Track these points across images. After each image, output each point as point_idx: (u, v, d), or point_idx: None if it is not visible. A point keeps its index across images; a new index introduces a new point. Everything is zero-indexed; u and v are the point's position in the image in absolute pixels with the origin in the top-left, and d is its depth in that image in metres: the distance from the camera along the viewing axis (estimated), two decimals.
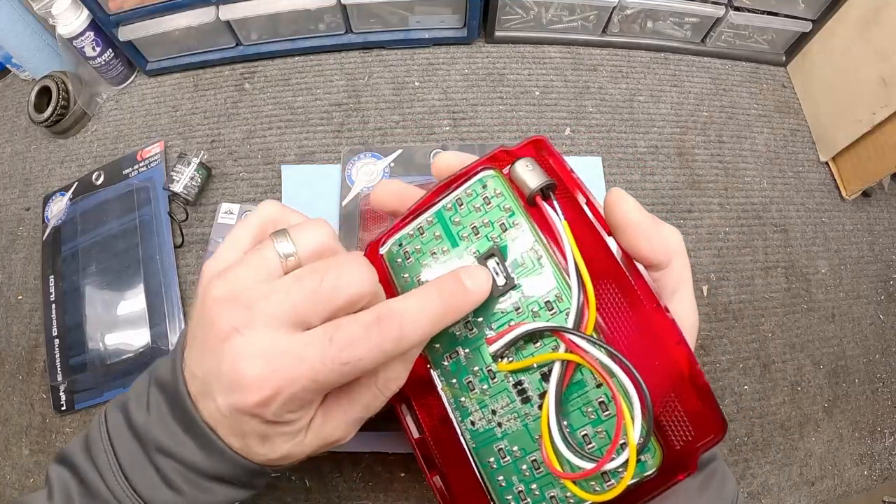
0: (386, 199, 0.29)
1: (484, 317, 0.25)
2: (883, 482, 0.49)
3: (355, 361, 0.21)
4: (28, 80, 0.65)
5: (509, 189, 0.25)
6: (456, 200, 0.26)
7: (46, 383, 0.50)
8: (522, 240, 0.24)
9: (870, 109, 0.51)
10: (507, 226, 0.25)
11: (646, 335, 0.22)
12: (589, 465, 0.21)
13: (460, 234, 0.26)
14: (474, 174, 0.26)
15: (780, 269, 0.54)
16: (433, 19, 0.59)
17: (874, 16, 0.51)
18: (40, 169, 0.60)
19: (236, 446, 0.23)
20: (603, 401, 0.22)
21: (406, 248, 0.27)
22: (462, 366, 0.25)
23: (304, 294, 0.21)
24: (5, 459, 0.49)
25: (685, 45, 0.62)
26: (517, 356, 0.24)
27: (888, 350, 0.53)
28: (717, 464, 0.27)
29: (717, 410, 0.21)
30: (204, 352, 0.22)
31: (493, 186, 0.25)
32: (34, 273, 0.55)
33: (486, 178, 0.26)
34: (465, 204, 0.26)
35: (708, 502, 0.26)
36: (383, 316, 0.21)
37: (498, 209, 0.25)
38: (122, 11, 0.54)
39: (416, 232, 0.27)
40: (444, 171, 0.28)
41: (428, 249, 0.26)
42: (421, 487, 0.44)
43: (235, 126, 0.58)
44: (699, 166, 0.57)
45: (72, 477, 0.24)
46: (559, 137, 0.57)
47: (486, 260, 0.25)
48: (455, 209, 0.26)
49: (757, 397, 0.49)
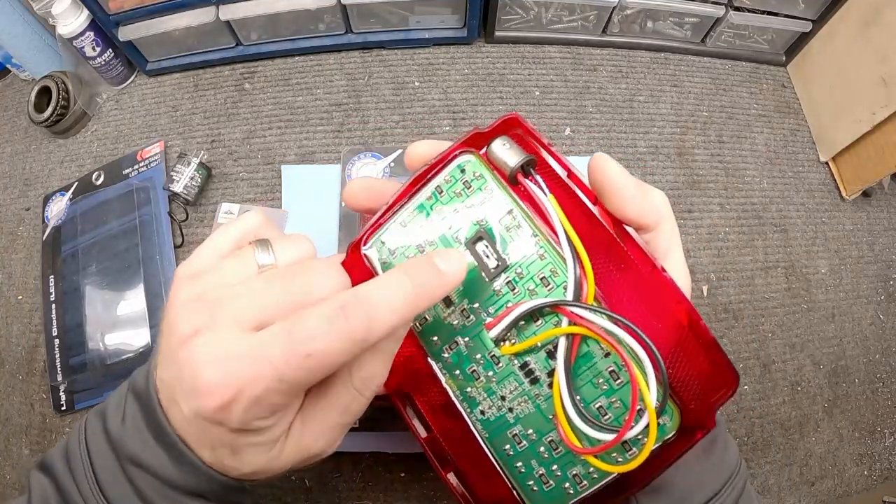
0: (359, 198, 0.28)
1: (480, 302, 0.24)
2: (883, 482, 0.49)
3: (319, 354, 0.19)
4: (28, 80, 0.65)
5: (489, 170, 0.24)
6: (435, 189, 0.25)
7: (46, 383, 0.50)
8: (509, 219, 0.24)
9: (870, 109, 0.51)
10: (491, 207, 0.24)
11: (646, 298, 0.22)
12: (609, 437, 0.21)
13: (444, 222, 0.25)
14: (451, 159, 0.25)
15: (780, 269, 0.54)
16: (433, 19, 0.59)
17: (874, 16, 0.51)
18: (40, 169, 0.60)
19: (207, 459, 0.21)
20: (613, 370, 0.22)
21: (390, 246, 0.26)
22: (464, 356, 0.25)
23: (272, 296, 0.20)
24: (5, 459, 0.49)
25: (685, 45, 0.62)
26: (519, 337, 0.23)
27: (888, 350, 0.53)
28: (719, 429, 0.26)
29: (728, 363, 0.21)
30: (167, 355, 0.21)
31: (471, 170, 0.25)
32: (34, 273, 0.55)
33: (464, 162, 0.25)
34: (445, 191, 0.25)
35: (711, 468, 0.25)
36: (348, 303, 0.19)
37: (479, 191, 0.24)
38: (122, 11, 0.54)
39: (399, 227, 0.26)
40: (417, 161, 0.27)
41: (413, 243, 0.25)
42: (421, 487, 0.44)
43: (235, 126, 0.58)
44: (699, 166, 0.57)
45: (50, 484, 0.23)
46: (559, 137, 0.57)
47: (475, 244, 0.24)
48: (435, 198, 0.25)
49: (757, 397, 0.49)
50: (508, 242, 0.24)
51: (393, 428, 0.45)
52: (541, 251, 0.23)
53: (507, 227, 0.24)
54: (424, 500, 0.44)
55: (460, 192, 0.25)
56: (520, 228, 0.24)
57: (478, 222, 0.24)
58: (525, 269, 0.24)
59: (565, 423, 0.22)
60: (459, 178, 0.25)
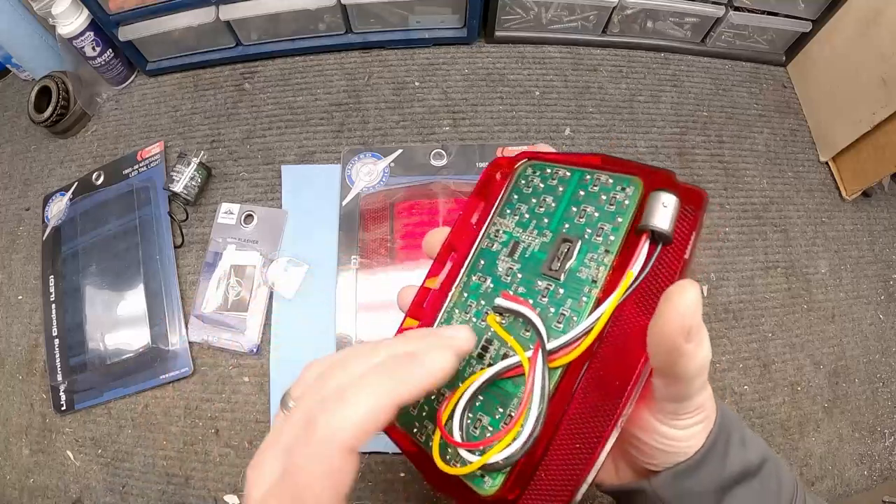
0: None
1: (523, 276, 0.25)
2: (883, 482, 0.49)
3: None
4: (28, 80, 0.65)
5: (636, 206, 0.24)
6: (595, 177, 0.26)
7: (46, 383, 0.50)
8: (602, 252, 0.24)
9: (870, 109, 0.51)
10: (602, 235, 0.24)
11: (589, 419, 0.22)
12: (460, 441, 0.23)
13: (573, 208, 0.26)
14: (626, 172, 0.25)
15: (780, 269, 0.54)
16: (433, 19, 0.59)
17: (874, 16, 0.51)
18: (40, 169, 0.60)
19: None
20: (511, 414, 0.23)
21: (534, 179, 0.28)
22: (479, 291, 0.26)
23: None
24: (5, 459, 0.49)
25: (685, 45, 0.62)
26: (508, 326, 0.24)
27: (888, 350, 0.53)
28: (770, 463, 0.26)
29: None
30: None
31: (629, 194, 0.24)
32: (34, 273, 0.55)
33: (633, 183, 0.24)
34: (598, 185, 0.25)
35: (772, 501, 0.25)
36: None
37: (612, 214, 0.24)
38: (122, 11, 0.54)
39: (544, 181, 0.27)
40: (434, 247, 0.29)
41: (539, 200, 0.27)
42: (421, 487, 0.44)
43: (235, 126, 0.58)
44: (699, 166, 0.57)
45: None
46: (559, 137, 0.57)
47: (563, 242, 0.25)
48: (590, 183, 0.26)
49: (757, 397, 0.49)
50: (580, 266, 0.24)
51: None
52: (584, 299, 0.23)
53: (594, 255, 0.24)
54: (424, 500, 0.44)
55: (603, 200, 0.25)
56: (597, 268, 0.24)
57: (587, 232, 0.25)
58: (561, 296, 0.24)
59: (450, 405, 0.23)
60: (614, 190, 0.25)
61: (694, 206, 0.23)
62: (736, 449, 0.25)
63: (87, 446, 0.48)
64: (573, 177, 0.26)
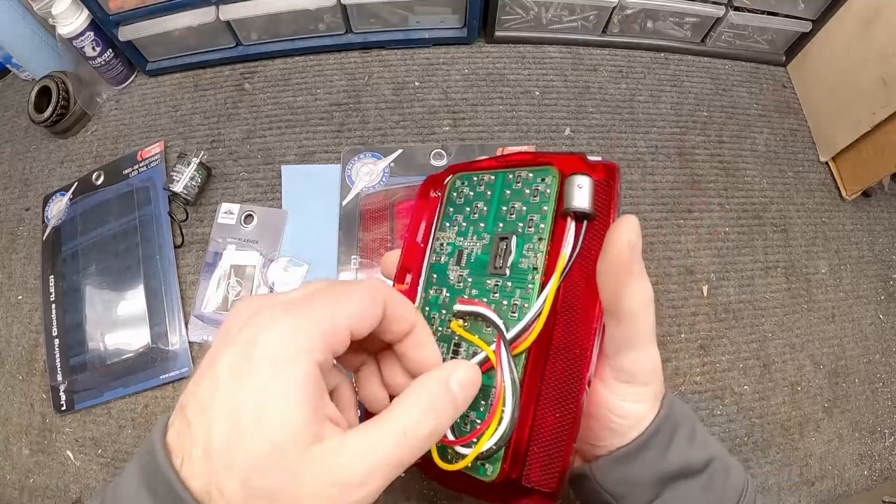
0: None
1: (473, 279, 0.27)
2: (883, 482, 0.49)
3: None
4: (28, 80, 0.65)
5: (556, 193, 0.26)
6: (517, 175, 0.28)
7: (46, 383, 0.50)
8: (535, 241, 0.26)
9: (870, 109, 0.51)
10: (532, 225, 0.26)
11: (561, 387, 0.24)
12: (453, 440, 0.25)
13: (503, 207, 0.28)
14: (542, 163, 0.27)
15: (780, 269, 0.54)
16: (433, 19, 0.59)
17: (874, 16, 0.51)
18: (40, 169, 0.60)
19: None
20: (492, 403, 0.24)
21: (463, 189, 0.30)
22: (438, 303, 0.28)
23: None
24: (5, 459, 0.49)
25: (685, 45, 0.62)
26: (471, 327, 0.26)
27: (888, 350, 0.53)
28: (717, 463, 0.26)
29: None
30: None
31: (549, 183, 0.26)
32: (34, 273, 0.55)
33: (549, 172, 0.27)
34: (520, 182, 0.28)
35: (715, 499, 0.25)
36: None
37: (537, 204, 0.27)
38: (122, 11, 0.54)
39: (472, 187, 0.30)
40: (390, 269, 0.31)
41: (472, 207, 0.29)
42: (421, 487, 0.44)
43: (235, 126, 0.58)
44: (699, 166, 0.57)
45: None
46: (559, 137, 0.57)
47: (501, 240, 0.27)
48: (513, 182, 0.28)
49: (757, 397, 0.49)
50: (520, 258, 0.26)
51: None
52: (530, 286, 0.25)
53: (530, 245, 0.26)
54: (424, 500, 0.44)
55: (527, 194, 0.27)
56: (534, 257, 0.26)
57: (518, 226, 0.27)
58: (510, 289, 0.26)
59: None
60: (535, 183, 0.27)
61: (610, 178, 0.25)
62: (681, 443, 0.25)
63: (87, 446, 0.48)
64: (497, 179, 0.29)
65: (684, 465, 0.25)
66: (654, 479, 0.25)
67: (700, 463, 0.26)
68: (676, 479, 0.25)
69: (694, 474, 0.25)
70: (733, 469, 0.27)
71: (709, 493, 0.25)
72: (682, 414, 0.26)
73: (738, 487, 0.26)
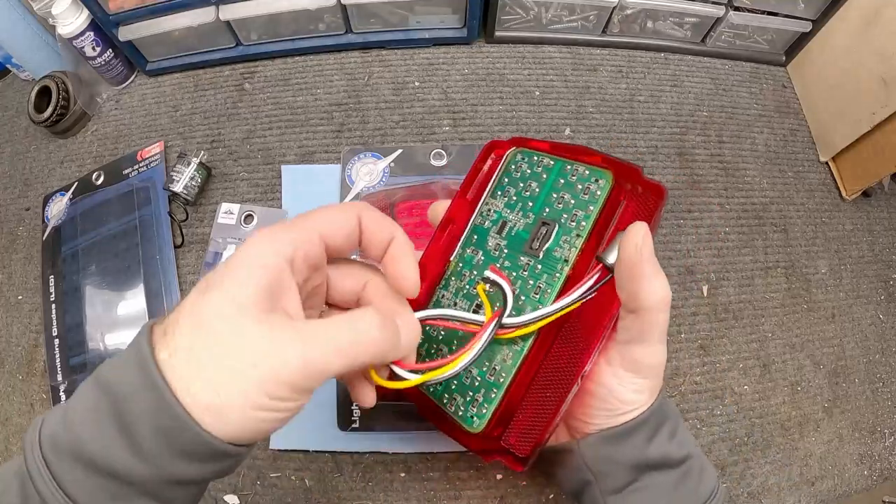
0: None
1: (508, 252, 0.30)
2: (883, 482, 0.49)
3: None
4: (28, 80, 0.65)
5: (606, 197, 0.28)
6: (574, 168, 0.29)
7: (46, 383, 0.50)
8: (571, 239, 0.28)
9: (870, 109, 0.51)
10: (575, 220, 0.28)
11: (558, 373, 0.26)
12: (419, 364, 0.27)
13: (553, 194, 0.29)
14: (601, 165, 0.29)
15: (780, 269, 0.54)
16: (433, 19, 0.59)
17: (874, 16, 0.51)
18: (40, 169, 0.60)
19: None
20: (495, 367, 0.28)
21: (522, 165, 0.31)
22: (472, 263, 0.31)
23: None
24: (5, 459, 0.49)
25: (685, 45, 0.62)
26: (491, 294, 0.28)
27: (888, 350, 0.53)
28: (693, 462, 0.28)
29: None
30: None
31: (601, 186, 0.28)
32: (34, 273, 0.55)
33: (605, 176, 0.28)
34: (575, 176, 0.29)
35: (681, 499, 0.27)
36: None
37: (585, 202, 0.28)
38: (122, 11, 0.54)
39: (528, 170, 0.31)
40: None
41: (526, 185, 0.31)
42: (421, 487, 0.44)
43: (235, 126, 0.58)
44: (699, 166, 0.57)
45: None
46: (559, 137, 0.57)
47: (543, 225, 0.29)
48: (569, 173, 0.29)
49: (757, 397, 0.49)
50: (555, 247, 0.28)
51: (393, 428, 0.45)
52: (557, 275, 0.27)
53: (568, 238, 0.28)
54: (424, 500, 0.44)
55: (578, 189, 0.29)
56: (568, 250, 0.28)
57: (563, 217, 0.29)
58: (539, 272, 0.28)
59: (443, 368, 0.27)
60: (588, 182, 0.28)
61: (657, 199, 0.27)
62: (662, 438, 0.28)
63: None
64: (555, 166, 0.30)
65: (663, 456, 0.27)
66: (634, 464, 0.27)
67: (677, 459, 0.27)
68: (653, 469, 0.27)
69: (670, 467, 0.27)
70: (707, 472, 0.28)
71: (681, 488, 0.27)
72: (671, 411, 0.29)
73: (709, 489, 0.28)
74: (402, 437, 0.45)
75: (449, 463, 0.45)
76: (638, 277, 0.24)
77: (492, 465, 0.45)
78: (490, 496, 0.44)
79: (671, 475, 0.27)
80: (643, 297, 0.25)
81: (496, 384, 0.27)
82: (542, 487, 0.44)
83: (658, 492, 0.27)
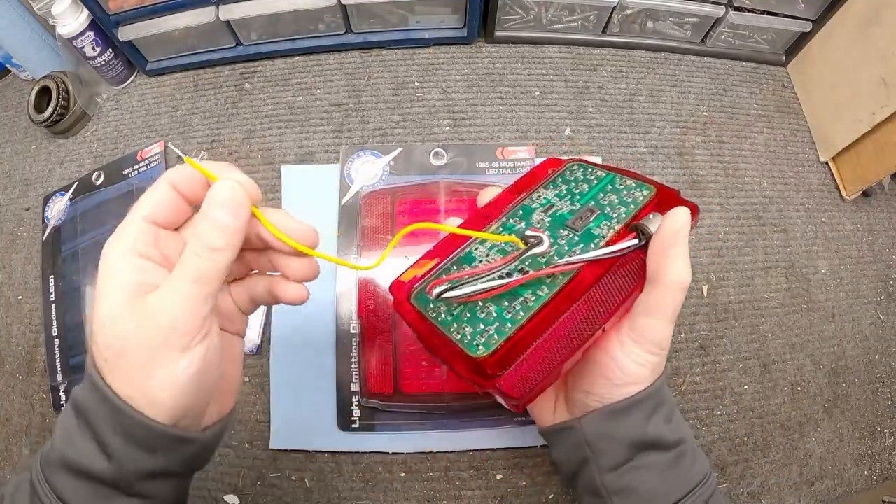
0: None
1: (550, 224, 0.32)
2: (883, 482, 0.49)
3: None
4: (28, 80, 0.65)
5: (646, 202, 0.31)
6: (623, 180, 0.33)
7: (46, 383, 0.50)
8: (611, 224, 0.30)
9: (870, 109, 0.51)
10: (617, 213, 0.31)
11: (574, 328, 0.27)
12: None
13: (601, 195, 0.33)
14: (644, 179, 0.32)
15: (780, 269, 0.54)
16: (433, 19, 0.59)
17: (874, 16, 0.51)
18: (40, 169, 0.60)
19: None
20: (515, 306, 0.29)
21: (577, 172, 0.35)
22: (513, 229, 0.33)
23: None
24: (5, 459, 0.49)
25: (685, 45, 0.62)
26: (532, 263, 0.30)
27: (888, 350, 0.53)
28: (686, 446, 0.29)
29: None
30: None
31: (644, 194, 0.31)
32: (34, 273, 0.55)
33: (649, 188, 0.32)
34: (623, 185, 0.33)
35: (676, 478, 0.28)
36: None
37: (627, 202, 0.31)
38: (122, 11, 0.54)
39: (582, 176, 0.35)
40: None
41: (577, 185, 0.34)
42: (421, 487, 0.44)
43: (235, 126, 0.58)
44: (699, 166, 0.57)
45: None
46: (559, 137, 0.57)
47: (587, 210, 0.32)
48: (618, 183, 0.33)
49: (757, 397, 0.49)
50: (595, 227, 0.31)
51: (393, 428, 0.45)
52: (592, 245, 0.30)
53: (608, 223, 0.31)
54: (424, 500, 0.44)
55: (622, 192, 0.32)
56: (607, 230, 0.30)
57: (607, 209, 0.31)
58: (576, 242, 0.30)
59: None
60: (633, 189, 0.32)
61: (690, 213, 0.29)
62: (659, 419, 0.29)
63: None
64: (606, 177, 0.34)
65: (659, 437, 0.28)
66: (632, 442, 0.28)
67: (672, 441, 0.29)
68: (649, 449, 0.28)
69: (665, 449, 0.29)
70: (699, 458, 0.30)
71: (675, 469, 0.28)
72: (669, 398, 0.30)
73: (701, 474, 0.29)
74: (402, 437, 0.45)
75: (449, 463, 0.45)
76: (669, 254, 0.27)
77: (492, 465, 0.45)
78: (490, 496, 0.44)
79: (666, 456, 0.29)
80: (666, 271, 0.27)
81: (512, 320, 0.28)
82: (542, 487, 0.44)
83: (653, 471, 0.28)
